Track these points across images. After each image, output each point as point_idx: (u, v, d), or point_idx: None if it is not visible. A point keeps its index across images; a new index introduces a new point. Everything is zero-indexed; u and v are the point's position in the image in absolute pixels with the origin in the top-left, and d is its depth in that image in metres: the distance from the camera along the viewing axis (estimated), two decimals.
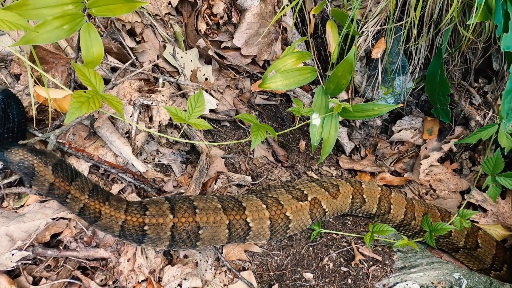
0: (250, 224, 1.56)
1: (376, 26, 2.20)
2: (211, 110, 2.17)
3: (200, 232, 1.48)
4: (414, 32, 1.98)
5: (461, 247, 2.13)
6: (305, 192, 1.79)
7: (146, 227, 1.42)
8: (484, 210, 2.41)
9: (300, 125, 1.85)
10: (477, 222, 2.32)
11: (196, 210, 1.48)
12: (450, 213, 2.16)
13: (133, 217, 1.42)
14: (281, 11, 2.14)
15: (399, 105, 1.84)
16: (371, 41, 2.26)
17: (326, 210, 1.81)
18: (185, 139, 2.12)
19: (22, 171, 1.34)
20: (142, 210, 1.45)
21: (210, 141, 2.17)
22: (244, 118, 1.69)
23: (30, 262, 1.42)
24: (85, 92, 1.29)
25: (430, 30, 2.17)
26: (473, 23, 1.75)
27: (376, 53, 2.18)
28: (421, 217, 2.05)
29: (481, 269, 2.17)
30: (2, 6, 1.97)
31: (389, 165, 2.65)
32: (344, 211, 1.95)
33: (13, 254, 1.35)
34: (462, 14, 2.04)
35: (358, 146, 2.69)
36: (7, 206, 1.48)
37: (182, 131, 1.81)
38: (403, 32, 2.16)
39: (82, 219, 1.50)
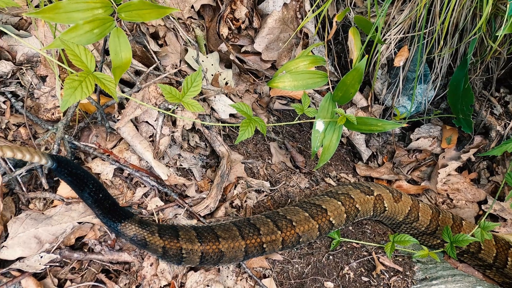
0: (333, 222, 1.82)
1: (399, 34, 2.19)
2: (231, 115, 2.17)
3: (300, 240, 1.72)
4: (441, 42, 1.96)
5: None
6: (371, 188, 2.00)
7: (265, 245, 1.63)
8: (504, 220, 2.38)
9: (299, 121, 1.91)
10: (497, 232, 2.29)
11: (294, 223, 1.71)
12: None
13: (251, 239, 1.60)
14: (305, 20, 2.12)
15: (404, 124, 1.81)
16: (394, 49, 2.25)
17: (386, 208, 1.98)
18: (205, 144, 2.13)
19: (135, 243, 1.42)
20: (256, 231, 1.63)
21: (229, 145, 2.17)
22: (239, 109, 1.65)
23: (56, 264, 1.43)
24: (77, 75, 1.21)
25: (454, 39, 2.16)
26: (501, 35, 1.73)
27: (399, 61, 2.17)
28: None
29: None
30: (27, 6, 1.99)
31: (406, 173, 2.63)
32: (397, 220, 2.04)
33: (41, 257, 1.36)
34: (487, 24, 2.02)
35: (375, 153, 2.67)
36: (33, 208, 1.49)
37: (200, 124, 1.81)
38: (427, 41, 2.14)
39: (204, 268, 1.57)
